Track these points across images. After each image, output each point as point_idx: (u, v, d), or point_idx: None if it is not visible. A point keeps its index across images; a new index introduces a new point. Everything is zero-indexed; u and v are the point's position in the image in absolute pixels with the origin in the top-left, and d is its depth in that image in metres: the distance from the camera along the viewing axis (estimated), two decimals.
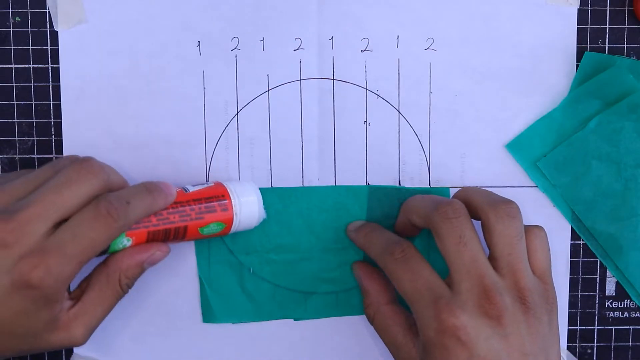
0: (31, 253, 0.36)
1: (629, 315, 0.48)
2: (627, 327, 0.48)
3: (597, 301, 0.48)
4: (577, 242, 0.47)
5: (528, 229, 0.42)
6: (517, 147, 0.47)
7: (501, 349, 0.38)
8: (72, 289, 0.42)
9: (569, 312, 0.48)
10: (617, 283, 0.47)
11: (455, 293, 0.39)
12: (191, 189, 0.43)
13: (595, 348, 0.48)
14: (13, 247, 0.36)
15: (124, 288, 0.42)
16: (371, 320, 0.45)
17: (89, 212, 0.38)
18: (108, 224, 0.38)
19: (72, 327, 0.40)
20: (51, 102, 0.47)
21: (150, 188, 0.41)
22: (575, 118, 0.46)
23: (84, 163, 0.40)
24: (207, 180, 0.46)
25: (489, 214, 0.41)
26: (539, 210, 0.47)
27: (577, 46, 0.46)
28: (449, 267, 0.40)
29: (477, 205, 0.42)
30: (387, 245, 0.42)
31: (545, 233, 0.43)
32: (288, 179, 0.47)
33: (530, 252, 0.42)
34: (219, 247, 0.47)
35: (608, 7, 0.46)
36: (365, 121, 0.47)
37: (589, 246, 0.47)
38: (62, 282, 0.37)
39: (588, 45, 0.46)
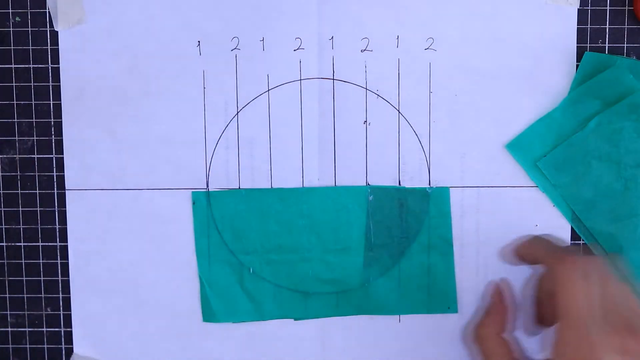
0: None
1: None
2: None
3: None
4: (577, 242, 0.47)
5: None
6: (517, 147, 0.47)
7: None
8: None
9: None
10: None
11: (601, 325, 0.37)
12: None
13: None
14: None
15: None
16: (473, 340, 0.41)
17: None
18: None
19: None
20: (51, 102, 0.47)
21: None
22: (575, 118, 0.46)
23: None
24: None
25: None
26: (539, 210, 0.47)
27: (577, 46, 0.46)
28: None
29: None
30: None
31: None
32: (288, 179, 0.47)
33: None
34: (219, 247, 0.47)
35: (608, 7, 0.46)
36: (365, 121, 0.47)
37: (589, 246, 0.47)
38: None
39: (588, 45, 0.46)
